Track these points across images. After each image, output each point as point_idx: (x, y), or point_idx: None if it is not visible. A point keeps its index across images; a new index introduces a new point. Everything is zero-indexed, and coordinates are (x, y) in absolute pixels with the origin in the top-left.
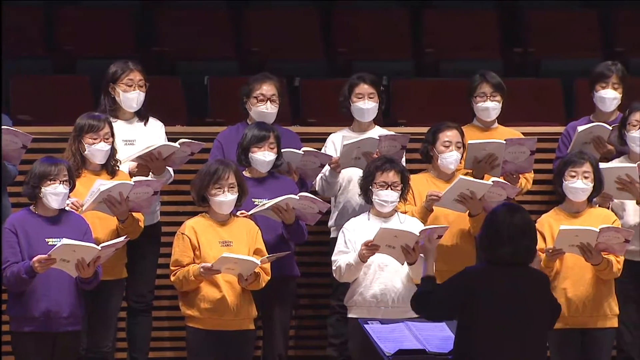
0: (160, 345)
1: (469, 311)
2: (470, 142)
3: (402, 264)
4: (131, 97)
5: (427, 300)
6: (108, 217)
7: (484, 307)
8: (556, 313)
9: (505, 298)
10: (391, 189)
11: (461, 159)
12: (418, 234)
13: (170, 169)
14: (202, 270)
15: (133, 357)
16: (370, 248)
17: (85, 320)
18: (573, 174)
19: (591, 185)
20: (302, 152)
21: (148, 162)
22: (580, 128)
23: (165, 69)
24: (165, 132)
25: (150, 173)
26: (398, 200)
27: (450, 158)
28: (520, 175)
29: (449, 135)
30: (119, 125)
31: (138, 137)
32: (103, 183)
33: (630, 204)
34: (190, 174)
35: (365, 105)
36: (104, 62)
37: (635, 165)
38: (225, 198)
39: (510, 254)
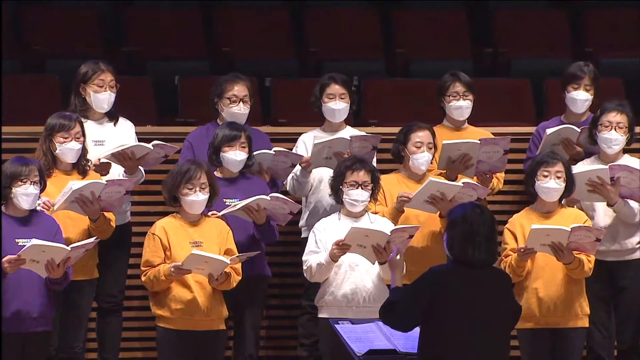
0: (131, 346)
1: (433, 311)
2: (444, 142)
3: (373, 264)
4: (102, 97)
5: (392, 310)
6: (79, 217)
7: (449, 307)
8: (517, 314)
9: (470, 298)
10: (362, 189)
11: (432, 159)
12: (389, 234)
13: (142, 169)
14: (172, 269)
15: (103, 357)
16: (341, 247)
17: (56, 320)
18: (546, 173)
19: (563, 185)
20: (274, 152)
21: (121, 162)
22: (549, 130)
23: (135, 69)
24: (136, 132)
25: (123, 172)
26: (369, 199)
27: (422, 159)
28: (492, 175)
29: (421, 136)
30: (88, 126)
31: (108, 137)
32: (75, 183)
33: (600, 205)
34: (161, 174)
35: (337, 105)
36: (74, 61)
37: (607, 167)
38: (197, 198)
39: (478, 255)
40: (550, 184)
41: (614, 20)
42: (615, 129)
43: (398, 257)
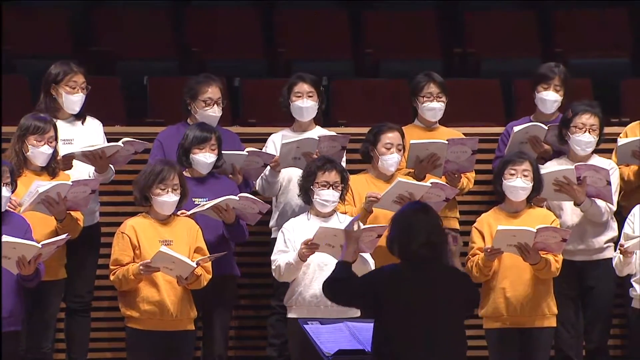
0: (99, 346)
1: (381, 309)
2: (412, 142)
3: None
4: (74, 99)
5: (337, 288)
6: (47, 217)
7: (399, 304)
8: (476, 301)
9: (419, 294)
10: (333, 189)
11: (401, 160)
12: None
13: (112, 167)
14: (141, 267)
15: (72, 357)
16: (310, 247)
17: (25, 321)
18: (512, 172)
19: (530, 184)
20: (247, 153)
21: (92, 162)
22: (516, 128)
23: (104, 69)
24: (105, 133)
25: (94, 171)
26: (338, 200)
27: (391, 160)
28: (462, 175)
29: (390, 137)
30: (57, 125)
31: (76, 136)
32: (41, 184)
33: (568, 204)
34: (130, 174)
35: (304, 104)
36: (43, 62)
37: (573, 167)
38: (169, 199)
39: (422, 251)
40: (516, 183)
41: (583, 21)
42: (588, 132)
43: (355, 227)
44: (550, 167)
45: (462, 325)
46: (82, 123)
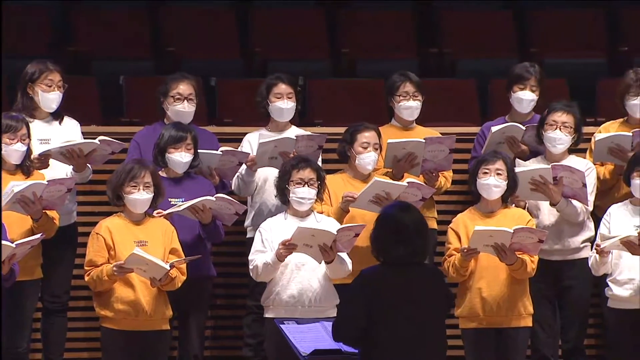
0: (76, 346)
1: (370, 312)
2: (389, 141)
3: (320, 263)
4: (51, 97)
5: (339, 330)
6: (22, 217)
7: (384, 307)
8: (450, 300)
9: (403, 297)
10: (308, 186)
11: (378, 159)
12: (335, 233)
13: (89, 166)
14: (115, 269)
15: (48, 357)
16: (288, 247)
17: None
18: (486, 171)
19: (504, 183)
20: (221, 153)
21: (70, 160)
22: (494, 128)
23: (81, 69)
24: (81, 132)
25: (72, 170)
26: (315, 198)
27: (368, 159)
28: (440, 174)
29: (367, 136)
30: (34, 124)
31: (53, 136)
32: (16, 184)
33: (545, 204)
34: (106, 174)
35: (285, 105)
36: (20, 61)
37: (549, 166)
38: (140, 196)
39: (407, 253)
40: (490, 181)
41: (559, 21)
42: (560, 129)
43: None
44: (526, 166)
45: (444, 326)
46: (60, 123)
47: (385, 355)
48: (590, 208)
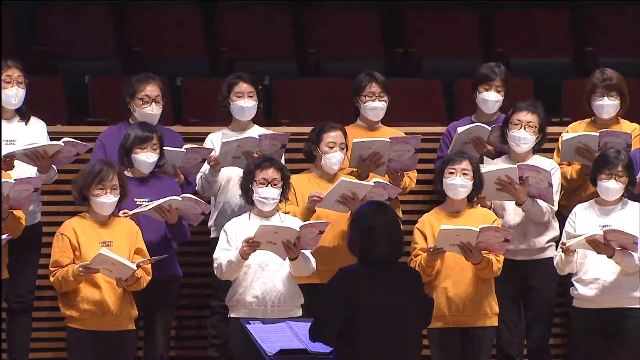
0: (41, 346)
1: (348, 310)
2: (355, 140)
3: (284, 260)
4: (10, 93)
5: (320, 329)
6: None
7: (362, 306)
8: (430, 308)
9: (382, 295)
10: (271, 186)
11: (344, 159)
12: (298, 230)
13: (55, 167)
14: (81, 269)
15: (13, 358)
16: (251, 245)
17: None
18: (452, 171)
19: (470, 183)
20: (184, 150)
21: (35, 161)
22: (459, 129)
23: (46, 69)
24: (47, 132)
25: (37, 171)
26: (279, 198)
27: (334, 159)
28: (405, 174)
29: (333, 136)
30: (0, 125)
31: (19, 136)
32: None
33: (510, 204)
34: (71, 174)
35: (246, 103)
36: None
37: (515, 166)
38: (107, 200)
39: (384, 252)
40: (455, 181)
41: (525, 21)
42: (524, 128)
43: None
44: (492, 166)
45: (420, 326)
46: (26, 124)
47: (362, 354)
48: (555, 208)
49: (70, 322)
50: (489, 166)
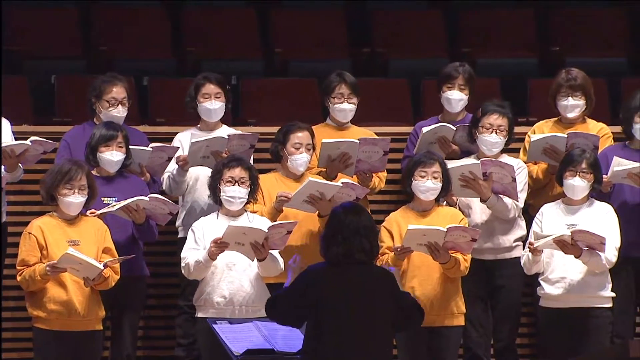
0: (6, 346)
1: (315, 310)
2: (324, 141)
3: (252, 260)
4: None
5: (275, 307)
6: None
7: (329, 305)
8: (413, 308)
9: (348, 295)
10: (239, 185)
11: (311, 159)
12: (267, 230)
13: (21, 166)
14: (48, 268)
15: None
16: (219, 245)
17: None
18: (423, 174)
19: (440, 185)
20: (151, 149)
21: (1, 161)
22: (425, 129)
23: (12, 68)
24: (13, 132)
25: (3, 170)
26: (246, 197)
27: (300, 160)
28: (373, 174)
29: (300, 136)
30: None
31: None
32: None
33: (476, 203)
34: (37, 174)
35: (213, 105)
36: None
37: (479, 162)
38: (75, 199)
39: (342, 253)
40: (427, 184)
41: (491, 21)
42: (495, 132)
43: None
44: (456, 162)
45: (390, 327)
46: None
47: (329, 354)
48: (521, 205)
49: (37, 322)
50: (452, 162)
